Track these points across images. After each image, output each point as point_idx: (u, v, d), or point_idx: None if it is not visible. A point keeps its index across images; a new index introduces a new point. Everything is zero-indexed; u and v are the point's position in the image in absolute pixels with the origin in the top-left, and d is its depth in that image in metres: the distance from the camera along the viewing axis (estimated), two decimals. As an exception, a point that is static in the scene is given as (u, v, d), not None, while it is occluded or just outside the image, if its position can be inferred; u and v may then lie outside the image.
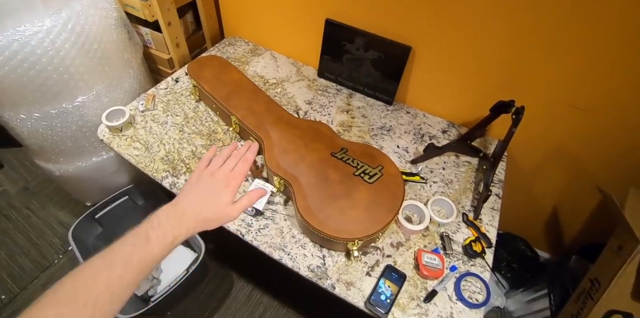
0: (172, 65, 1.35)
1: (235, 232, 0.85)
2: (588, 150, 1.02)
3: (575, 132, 0.99)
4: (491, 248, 0.88)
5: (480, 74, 1.00)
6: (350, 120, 1.13)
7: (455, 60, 1.00)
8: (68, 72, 1.00)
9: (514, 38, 0.89)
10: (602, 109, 0.92)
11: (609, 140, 0.97)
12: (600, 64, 0.84)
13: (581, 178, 1.11)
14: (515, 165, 1.15)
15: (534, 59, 0.90)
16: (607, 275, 0.87)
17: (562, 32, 0.82)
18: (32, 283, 1.40)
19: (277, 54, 1.35)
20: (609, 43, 0.80)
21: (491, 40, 0.92)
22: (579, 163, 1.07)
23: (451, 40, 0.97)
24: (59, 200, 1.66)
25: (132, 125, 1.06)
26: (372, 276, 0.81)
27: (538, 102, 0.96)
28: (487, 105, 0.94)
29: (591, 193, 1.12)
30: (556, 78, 0.91)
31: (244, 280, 1.45)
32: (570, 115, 0.95)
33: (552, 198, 1.24)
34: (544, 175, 1.16)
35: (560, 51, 0.86)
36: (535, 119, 0.98)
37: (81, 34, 0.99)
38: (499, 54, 0.93)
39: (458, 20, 0.92)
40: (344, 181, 0.84)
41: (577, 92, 0.92)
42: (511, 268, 1.35)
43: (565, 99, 0.93)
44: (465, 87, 1.06)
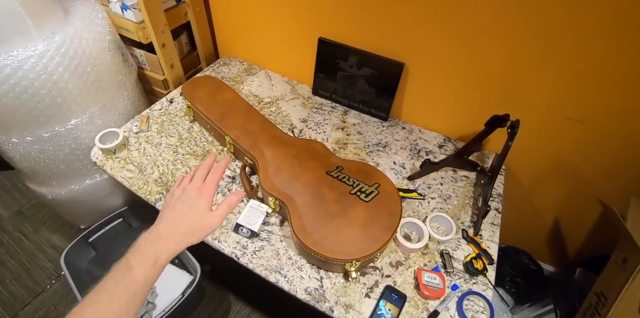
0: (166, 86, 1.35)
1: (231, 254, 0.83)
2: (587, 162, 1.02)
3: (574, 143, 0.99)
4: (493, 265, 0.86)
5: (475, 88, 1.01)
6: (346, 138, 1.13)
7: (449, 75, 1.01)
8: (61, 96, 1.00)
9: (507, 52, 0.89)
10: (599, 119, 0.91)
11: (608, 150, 0.96)
12: (595, 75, 0.84)
13: (582, 190, 1.09)
14: (514, 179, 1.14)
15: (528, 72, 0.91)
16: (613, 289, 0.85)
17: (556, 45, 0.83)
18: (23, 310, 1.36)
19: (271, 73, 1.36)
20: (602, 55, 0.80)
21: (484, 55, 0.92)
22: (579, 175, 1.06)
23: (444, 56, 0.97)
24: (52, 223, 1.63)
25: (126, 147, 1.05)
26: (371, 298, 0.79)
27: (534, 115, 0.96)
28: (482, 119, 0.94)
29: (592, 205, 1.11)
30: (552, 90, 0.91)
31: (242, 302, 1.41)
32: (567, 127, 0.95)
33: (553, 210, 1.23)
34: (544, 187, 1.15)
35: (554, 64, 0.86)
36: (533, 132, 0.98)
37: (74, 58, 0.99)
38: (493, 68, 0.94)
39: (450, 36, 0.93)
40: (339, 200, 0.83)
41: (573, 104, 0.92)
42: (515, 283, 1.32)
43: (562, 111, 0.93)
44: (460, 102, 1.06)
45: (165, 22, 1.18)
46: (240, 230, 0.85)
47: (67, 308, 1.34)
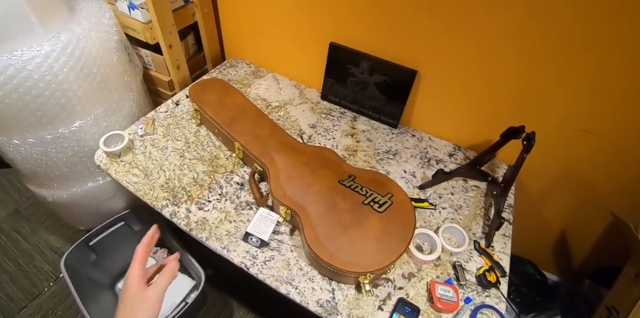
0: (172, 88, 1.33)
1: (240, 264, 0.81)
2: (599, 174, 1.01)
3: (586, 155, 0.98)
4: (505, 277, 0.85)
5: (488, 99, 0.99)
6: (356, 145, 1.11)
7: (462, 84, 1.00)
8: (65, 97, 0.98)
9: (522, 62, 0.88)
10: (613, 132, 0.91)
11: (621, 163, 0.96)
12: (611, 87, 0.83)
13: (592, 202, 1.09)
14: (523, 189, 1.13)
15: (543, 83, 0.90)
16: (625, 303, 0.85)
17: (572, 56, 0.82)
18: (19, 313, 1.33)
19: (279, 76, 1.33)
20: (619, 66, 0.80)
21: (499, 66, 0.91)
22: (589, 187, 1.05)
23: (458, 65, 0.96)
24: (50, 223, 1.60)
25: (131, 151, 1.02)
26: (384, 310, 0.77)
27: (548, 126, 0.95)
28: (494, 128, 0.93)
29: (601, 217, 1.11)
30: (566, 102, 0.90)
31: (245, 308, 1.40)
32: (580, 139, 0.94)
33: (561, 221, 1.22)
34: (553, 197, 1.15)
35: (570, 75, 0.85)
36: (545, 143, 0.96)
37: (80, 58, 0.97)
38: (507, 79, 0.93)
39: (465, 45, 0.91)
40: (353, 210, 0.81)
41: (587, 116, 0.91)
42: (520, 292, 1.31)
43: (576, 123, 0.93)
44: (472, 111, 1.05)
45: (173, 23, 1.16)
46: (249, 239, 0.84)
47: (66, 312, 1.33)
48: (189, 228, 0.87)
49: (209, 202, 0.92)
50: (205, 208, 0.91)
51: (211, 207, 0.91)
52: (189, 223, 0.87)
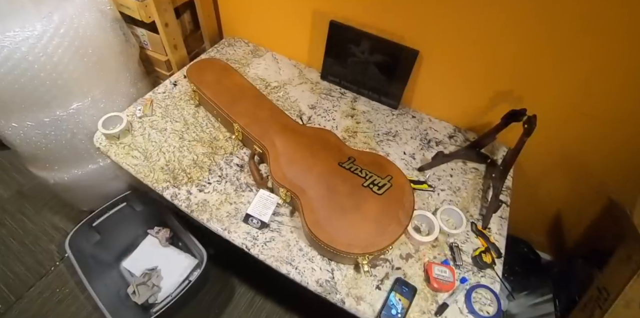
0: (169, 68, 1.31)
1: (241, 245, 0.83)
2: (596, 157, 1.01)
3: (584, 138, 0.98)
4: (501, 258, 0.87)
5: (489, 80, 0.98)
6: (355, 126, 1.10)
7: (464, 65, 0.98)
8: (62, 78, 0.96)
9: (524, 44, 0.86)
10: (612, 115, 0.90)
11: (619, 146, 0.95)
12: (610, 69, 0.82)
13: (588, 185, 1.10)
14: (521, 172, 1.13)
15: (544, 64, 0.88)
16: (616, 284, 0.87)
17: (573, 39, 0.80)
18: (28, 291, 1.37)
19: (278, 56, 1.31)
20: (619, 49, 0.78)
21: (502, 46, 0.89)
22: (586, 170, 1.06)
23: (461, 45, 0.94)
24: (54, 204, 1.61)
25: (130, 132, 1.02)
26: (382, 289, 0.80)
27: (548, 109, 0.94)
28: (495, 110, 0.93)
29: (597, 199, 1.12)
30: (567, 84, 0.89)
31: (246, 286, 1.44)
32: (580, 122, 0.94)
33: (556, 203, 1.23)
34: (550, 180, 1.15)
35: (571, 57, 0.84)
36: (545, 125, 0.95)
37: (75, 38, 0.95)
38: (509, 61, 0.91)
39: (468, 25, 0.89)
40: (352, 193, 0.82)
41: (586, 99, 0.90)
42: (514, 271, 1.34)
43: (576, 106, 0.92)
44: (474, 93, 1.03)
45: (168, 0, 1.12)
46: (250, 220, 0.85)
47: (73, 290, 1.37)
48: (190, 210, 0.88)
49: (209, 183, 0.93)
50: (206, 190, 0.91)
51: (211, 189, 0.92)
52: (189, 205, 0.88)
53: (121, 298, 1.26)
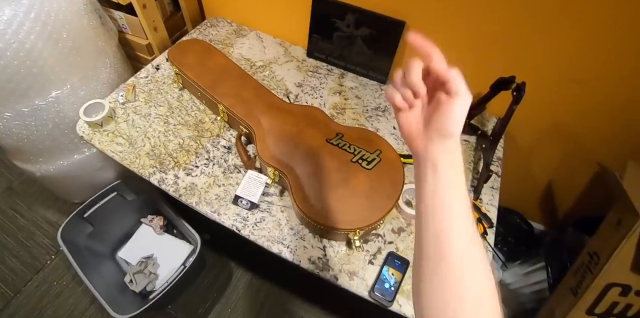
0: (151, 51, 1.27)
1: (231, 227, 0.82)
2: (586, 125, 1.01)
3: (574, 106, 0.97)
4: (492, 228, 0.87)
5: (478, 49, 0.96)
6: (344, 102, 1.09)
7: (452, 34, 0.95)
8: (37, 66, 0.93)
9: (511, 11, 0.84)
10: (600, 81, 0.89)
11: (608, 113, 0.95)
12: (599, 34, 0.81)
13: (578, 153, 1.09)
14: (512, 142, 1.13)
15: (533, 32, 0.86)
16: (606, 249, 0.88)
17: (562, 5, 0.78)
18: (25, 286, 1.36)
19: (262, 34, 1.27)
20: (608, 16, 0.77)
21: (488, 14, 0.87)
22: (577, 138, 1.05)
23: (447, 14, 0.91)
24: (45, 199, 1.60)
25: (113, 119, 1.00)
26: (374, 264, 0.80)
27: (537, 77, 0.92)
28: (484, 81, 0.91)
29: (587, 167, 1.12)
30: (555, 51, 0.87)
31: (243, 269, 1.44)
32: (569, 89, 0.93)
33: (548, 172, 1.23)
34: (541, 149, 1.15)
35: (560, 24, 0.82)
36: (534, 94, 0.94)
37: (47, 23, 0.91)
38: (496, 28, 0.89)
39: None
40: (341, 169, 0.81)
41: (575, 66, 0.88)
42: (507, 242, 1.36)
43: (564, 73, 0.90)
44: (462, 64, 0.99)
45: (143, -20, 1.08)
46: (239, 202, 0.84)
47: (70, 282, 1.37)
48: (178, 194, 0.87)
49: (196, 167, 0.91)
50: (193, 173, 0.90)
51: (199, 172, 0.90)
52: (177, 190, 0.87)
53: (119, 287, 1.26)
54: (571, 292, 0.94)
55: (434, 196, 0.37)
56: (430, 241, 0.36)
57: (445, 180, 0.37)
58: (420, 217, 0.38)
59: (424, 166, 0.38)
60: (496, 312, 0.34)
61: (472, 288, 0.34)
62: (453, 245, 0.35)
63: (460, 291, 0.34)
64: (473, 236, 0.36)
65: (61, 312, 1.32)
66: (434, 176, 0.37)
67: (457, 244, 0.35)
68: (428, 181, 0.37)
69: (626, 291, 0.86)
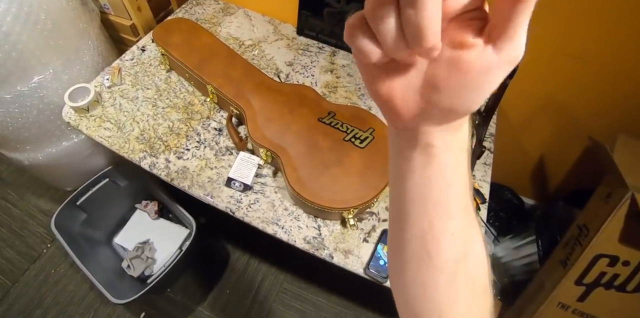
0: (135, 33, 1.23)
1: (225, 209, 0.82)
2: (578, 99, 1.01)
3: (566, 81, 0.96)
4: (485, 204, 0.88)
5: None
6: (336, 81, 1.07)
7: (442, 9, 0.93)
8: (15, 50, 0.89)
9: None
10: (594, 55, 0.88)
11: (600, 88, 0.95)
12: (591, 9, 0.80)
13: (569, 127, 1.10)
14: (504, 117, 1.13)
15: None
16: (595, 221, 0.89)
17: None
18: (24, 275, 1.36)
19: (250, 12, 1.23)
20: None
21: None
22: (568, 112, 1.05)
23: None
24: (37, 188, 1.58)
25: (100, 104, 0.97)
26: (369, 242, 0.80)
27: (531, 51, 0.89)
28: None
29: (578, 142, 1.13)
30: (549, 26, 0.86)
31: (240, 250, 1.46)
32: (561, 63, 0.92)
33: (539, 147, 1.24)
34: (533, 125, 1.15)
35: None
36: (527, 69, 0.93)
37: (23, 4, 0.87)
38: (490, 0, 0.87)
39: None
40: (334, 148, 0.80)
41: (567, 39, 0.88)
42: (498, 217, 1.38)
43: (556, 46, 0.89)
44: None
45: (122, -44, 1.03)
46: (232, 184, 0.83)
47: (68, 270, 1.37)
48: (169, 178, 0.86)
49: (187, 150, 0.90)
50: (185, 157, 0.89)
51: (190, 155, 0.89)
52: (169, 174, 0.86)
53: (117, 273, 1.27)
54: (561, 264, 0.96)
55: (422, 190, 0.26)
56: (415, 245, 0.27)
57: (441, 171, 0.25)
58: (399, 212, 0.28)
59: (408, 146, 0.25)
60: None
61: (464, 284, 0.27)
62: (447, 253, 0.26)
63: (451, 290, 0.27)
64: (472, 236, 0.27)
65: (61, 299, 1.32)
66: (424, 164, 0.25)
67: (451, 249, 0.26)
68: (415, 170, 0.25)
69: (614, 262, 0.88)
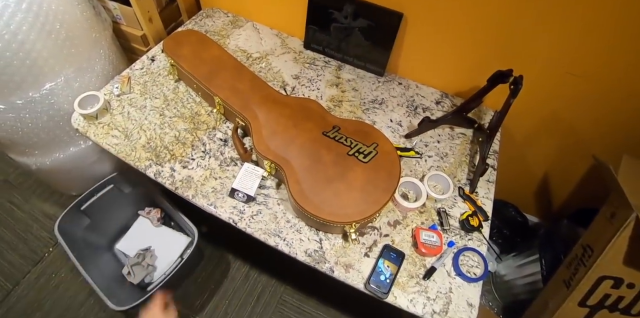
0: (146, 43, 1.26)
1: (228, 220, 0.82)
2: (582, 118, 1.01)
3: (572, 99, 0.96)
4: (488, 222, 0.88)
5: (475, 42, 0.95)
6: (341, 95, 1.08)
7: (450, 27, 0.95)
8: (30, 58, 0.92)
9: (510, 4, 0.83)
10: (600, 75, 0.89)
11: (606, 107, 0.95)
12: (597, 29, 0.80)
13: (574, 146, 1.10)
14: (509, 135, 1.13)
15: (530, 25, 0.85)
16: (600, 241, 0.88)
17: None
18: (24, 278, 1.37)
19: (259, 25, 1.26)
20: (606, 8, 0.76)
21: (486, 6, 0.86)
22: (573, 132, 1.05)
23: (445, 6, 0.90)
24: (42, 191, 1.59)
25: (108, 112, 0.99)
26: (370, 257, 0.80)
27: (535, 70, 0.92)
28: (481, 74, 0.90)
29: (583, 161, 1.12)
30: (553, 44, 0.87)
31: (240, 261, 1.45)
32: (567, 82, 0.92)
33: (543, 165, 1.24)
34: (538, 143, 1.15)
35: (557, 17, 0.81)
36: (532, 88, 0.94)
37: (39, 14, 0.90)
38: (494, 21, 0.88)
39: (451, -17, 0.85)
40: (337, 162, 0.81)
41: (574, 59, 0.88)
42: (502, 234, 1.37)
43: (563, 66, 0.90)
44: (460, 56, 1.01)
45: (137, -31, 1.06)
46: (236, 195, 0.84)
47: (69, 274, 1.37)
48: (174, 187, 0.86)
49: (192, 159, 0.91)
50: (190, 166, 0.90)
51: (195, 165, 0.90)
52: (174, 183, 0.87)
53: (117, 279, 1.27)
54: (564, 284, 0.95)
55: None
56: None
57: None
58: None
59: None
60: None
61: None
62: None
63: None
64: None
65: (60, 303, 1.33)
66: None
67: None
68: None
69: (618, 284, 0.87)
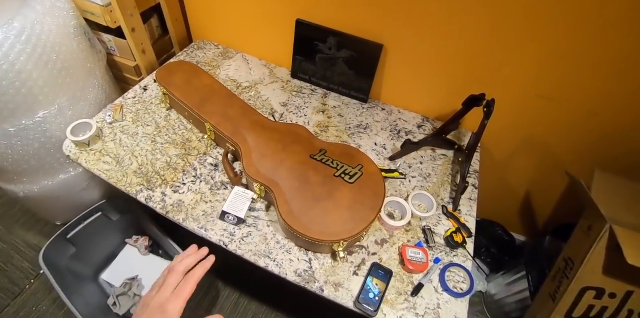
0: (139, 73, 1.30)
1: (218, 242, 0.83)
2: (555, 137, 1.07)
3: (543, 120, 1.04)
4: (471, 238, 0.91)
5: (450, 69, 1.03)
6: (327, 121, 1.13)
7: (426, 56, 1.02)
8: (25, 87, 0.95)
9: (480, 34, 0.91)
10: (564, 96, 0.96)
11: (573, 126, 1.02)
12: (561, 54, 0.88)
13: (550, 163, 1.16)
14: (488, 155, 1.19)
15: (501, 53, 0.93)
16: (579, 254, 0.92)
17: (526, 29, 0.86)
18: (3, 312, 1.31)
19: (248, 57, 1.33)
20: (567, 38, 0.84)
21: (458, 36, 0.94)
22: (548, 149, 1.12)
23: (421, 37, 0.99)
24: (25, 221, 1.56)
25: (101, 139, 1.01)
26: (359, 275, 0.82)
27: (507, 94, 0.99)
28: (458, 98, 0.97)
29: (560, 178, 1.18)
30: (523, 70, 0.94)
31: (230, 288, 1.43)
32: (537, 104, 1.00)
33: (524, 184, 1.29)
34: (516, 162, 1.21)
35: (524, 45, 0.89)
36: (506, 110, 1.01)
37: (37, 45, 0.94)
38: (466, 49, 0.96)
39: (427, 17, 0.94)
40: (325, 183, 0.84)
41: (542, 83, 0.96)
42: (490, 253, 1.40)
43: (532, 90, 0.97)
44: (437, 82, 1.08)
45: (134, 5, 1.13)
46: (226, 217, 0.86)
47: (50, 307, 1.32)
48: (165, 211, 0.88)
49: (183, 184, 0.93)
50: (181, 191, 0.92)
51: (186, 189, 0.92)
52: (165, 207, 0.88)
53: (102, 310, 1.23)
54: (550, 298, 0.97)
55: None
56: None
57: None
58: None
59: None
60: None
61: None
62: None
63: None
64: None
65: (41, 338, 1.27)
66: None
67: None
68: None
69: (600, 294, 0.89)
